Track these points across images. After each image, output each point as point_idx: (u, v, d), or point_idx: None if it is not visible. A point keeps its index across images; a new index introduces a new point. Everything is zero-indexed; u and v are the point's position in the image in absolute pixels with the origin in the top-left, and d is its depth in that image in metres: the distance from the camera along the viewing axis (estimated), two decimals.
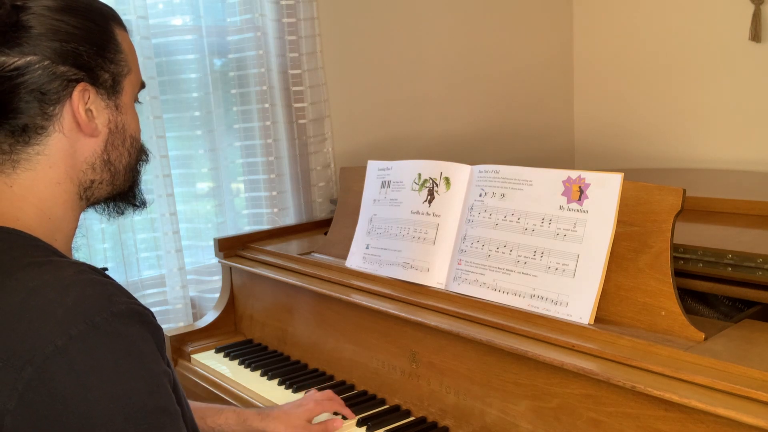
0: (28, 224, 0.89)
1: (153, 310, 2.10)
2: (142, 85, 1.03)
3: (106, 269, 1.03)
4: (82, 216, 1.93)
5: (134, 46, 1.01)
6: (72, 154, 0.92)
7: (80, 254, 1.83)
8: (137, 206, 1.04)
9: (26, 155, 0.89)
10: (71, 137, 0.91)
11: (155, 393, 0.80)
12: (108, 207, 1.02)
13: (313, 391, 1.43)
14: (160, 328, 0.86)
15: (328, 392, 1.42)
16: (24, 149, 0.89)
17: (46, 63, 0.87)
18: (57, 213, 0.92)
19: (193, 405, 1.34)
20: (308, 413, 1.35)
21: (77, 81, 0.90)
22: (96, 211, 1.01)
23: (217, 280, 2.10)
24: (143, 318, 0.82)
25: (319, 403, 1.37)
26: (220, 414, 1.32)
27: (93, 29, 0.92)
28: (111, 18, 0.96)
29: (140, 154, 1.02)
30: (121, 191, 1.00)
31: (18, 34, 0.86)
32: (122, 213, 1.03)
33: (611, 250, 1.18)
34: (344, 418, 1.39)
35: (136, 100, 1.01)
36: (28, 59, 0.86)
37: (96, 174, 0.95)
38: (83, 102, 0.91)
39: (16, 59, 0.86)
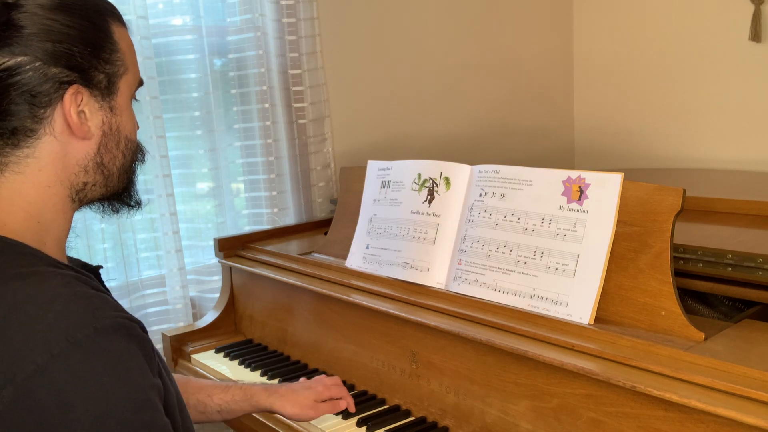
0: (16, 229, 0.87)
1: (153, 310, 2.12)
2: (140, 83, 1.00)
3: (100, 267, 1.01)
4: (81, 216, 1.92)
5: (134, 45, 0.99)
6: (63, 157, 0.89)
7: (80, 255, 1.84)
8: (132, 206, 1.01)
9: (15, 158, 0.87)
10: (63, 140, 0.88)
11: (141, 409, 0.78)
12: (102, 206, 0.99)
13: (322, 376, 1.43)
14: (148, 340, 0.83)
15: (336, 378, 1.42)
16: (13, 152, 0.87)
17: (37, 64, 0.84)
18: (47, 216, 0.89)
19: (200, 382, 1.35)
20: (316, 395, 1.35)
21: (69, 83, 0.87)
22: (90, 209, 0.99)
23: (217, 280, 2.10)
24: (129, 331, 0.80)
25: (328, 387, 1.37)
26: (226, 391, 1.32)
27: (88, 28, 0.89)
28: (109, 15, 0.93)
29: (135, 154, 0.99)
30: (115, 192, 0.98)
31: (8, 33, 0.83)
32: (117, 212, 1.01)
33: (611, 250, 1.18)
34: (345, 416, 1.40)
35: (133, 98, 0.98)
36: (19, 60, 0.84)
37: (89, 176, 0.92)
38: (75, 104, 0.88)
39: (5, 60, 0.83)
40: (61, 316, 0.76)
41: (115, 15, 0.95)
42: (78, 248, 1.86)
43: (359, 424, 1.38)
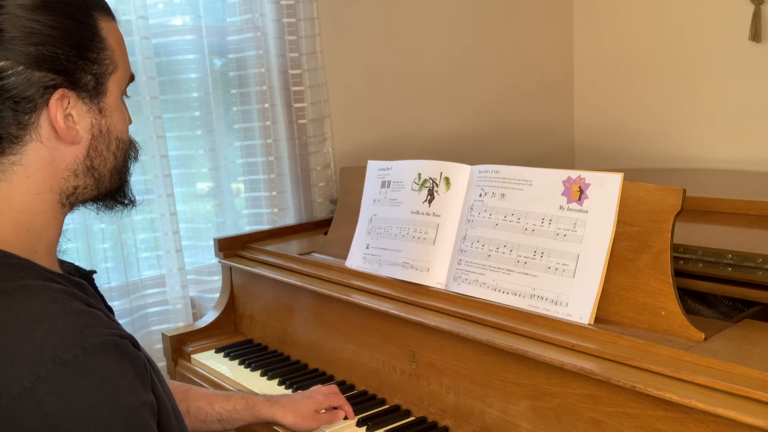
0: (5, 238, 0.84)
1: (153, 310, 2.12)
2: (131, 78, 0.96)
3: (93, 272, 0.99)
4: (81, 216, 1.92)
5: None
6: (51, 163, 0.86)
7: (80, 255, 1.84)
8: (126, 205, 0.99)
9: (1, 166, 0.84)
10: (50, 146, 0.85)
11: (131, 429, 0.76)
12: (96, 204, 0.96)
13: (319, 386, 1.44)
14: (139, 356, 0.81)
15: (333, 387, 1.43)
16: None
17: (19, 69, 0.81)
18: (36, 224, 0.87)
19: (201, 391, 1.35)
20: (316, 404, 1.36)
21: (55, 87, 0.83)
22: (84, 207, 0.96)
23: (217, 280, 2.10)
24: (119, 349, 0.77)
25: (327, 396, 1.38)
26: (228, 400, 1.32)
27: (73, 27, 0.85)
28: (95, 9, 0.89)
29: (128, 153, 0.96)
30: (107, 192, 0.95)
31: None
32: (111, 209, 0.98)
33: (611, 250, 1.18)
34: (345, 418, 1.40)
35: (124, 94, 0.95)
36: (0, 65, 0.80)
37: (79, 180, 0.89)
38: (62, 109, 0.84)
39: None
40: (49, 335, 0.74)
41: (103, 8, 0.90)
42: (78, 248, 1.86)
43: (359, 424, 1.38)
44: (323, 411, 1.38)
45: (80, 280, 0.90)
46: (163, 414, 0.86)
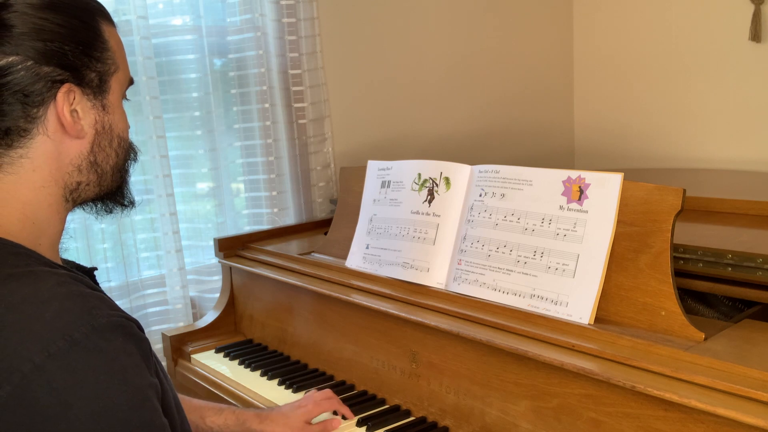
0: (10, 229, 0.86)
1: (153, 310, 2.11)
2: (131, 82, 0.99)
3: (94, 269, 1.01)
4: (81, 216, 1.92)
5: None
6: (57, 157, 0.89)
7: (80, 255, 1.83)
8: (125, 206, 1.01)
9: (8, 159, 0.86)
10: (56, 139, 0.88)
11: (139, 408, 0.78)
12: (95, 206, 0.99)
13: (312, 392, 1.43)
14: (145, 339, 0.83)
15: (327, 391, 1.42)
16: (6, 152, 0.86)
17: (29, 63, 0.84)
18: (41, 217, 0.89)
19: (193, 403, 1.34)
20: (307, 414, 1.35)
21: (62, 82, 0.87)
22: (83, 210, 0.98)
23: (217, 280, 2.10)
24: (126, 330, 0.79)
25: (318, 403, 1.37)
26: (219, 414, 1.32)
27: (78, 27, 0.89)
28: (98, 13, 0.93)
29: (128, 153, 0.99)
30: (108, 191, 0.97)
31: None
32: (110, 212, 1.00)
33: (611, 250, 1.18)
34: (344, 417, 1.40)
35: (124, 97, 0.98)
36: (10, 60, 0.83)
37: (82, 176, 0.92)
38: (68, 103, 0.88)
39: None
40: (58, 315, 0.76)
41: (104, 14, 0.95)
42: (78, 248, 1.86)
43: (359, 424, 1.38)
44: (322, 416, 1.38)
45: (82, 275, 0.91)
46: (166, 401, 0.87)
